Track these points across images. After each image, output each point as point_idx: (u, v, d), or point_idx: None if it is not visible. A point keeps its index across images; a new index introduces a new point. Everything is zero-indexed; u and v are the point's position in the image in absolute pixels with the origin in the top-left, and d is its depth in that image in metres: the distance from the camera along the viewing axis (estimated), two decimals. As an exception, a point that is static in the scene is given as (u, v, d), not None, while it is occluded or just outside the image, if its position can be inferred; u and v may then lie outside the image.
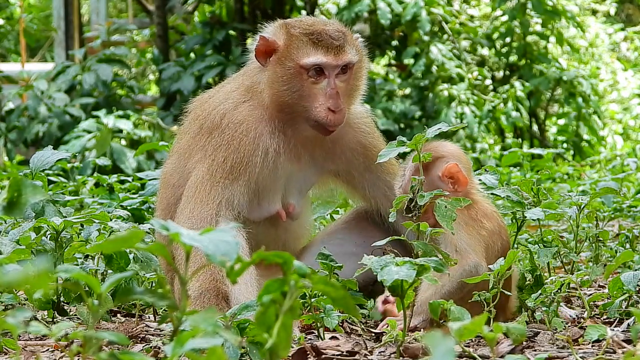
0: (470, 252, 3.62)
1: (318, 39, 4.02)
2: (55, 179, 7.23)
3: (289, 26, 4.08)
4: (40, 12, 22.65)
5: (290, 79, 4.02)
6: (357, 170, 4.27)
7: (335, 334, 3.56)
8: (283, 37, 4.06)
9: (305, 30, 4.05)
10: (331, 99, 4.00)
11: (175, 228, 2.19)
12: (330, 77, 4.02)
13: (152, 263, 3.98)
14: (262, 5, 15.36)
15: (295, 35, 4.04)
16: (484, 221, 3.71)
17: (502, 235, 3.77)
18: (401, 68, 15.87)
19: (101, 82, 14.01)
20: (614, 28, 19.71)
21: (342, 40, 4.06)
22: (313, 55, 4.00)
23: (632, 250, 4.54)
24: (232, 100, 4.12)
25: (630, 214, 7.16)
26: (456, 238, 3.64)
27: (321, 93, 4.02)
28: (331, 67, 4.02)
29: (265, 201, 4.13)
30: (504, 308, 3.69)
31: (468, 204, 3.63)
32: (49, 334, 2.39)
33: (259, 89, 4.10)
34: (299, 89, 4.02)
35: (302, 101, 4.03)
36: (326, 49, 4.01)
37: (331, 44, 4.02)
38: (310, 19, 4.17)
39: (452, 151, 3.93)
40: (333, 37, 4.04)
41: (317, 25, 4.09)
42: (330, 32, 4.05)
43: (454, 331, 2.67)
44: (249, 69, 4.21)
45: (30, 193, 2.34)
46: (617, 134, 17.76)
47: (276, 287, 2.26)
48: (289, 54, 4.02)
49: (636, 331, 2.85)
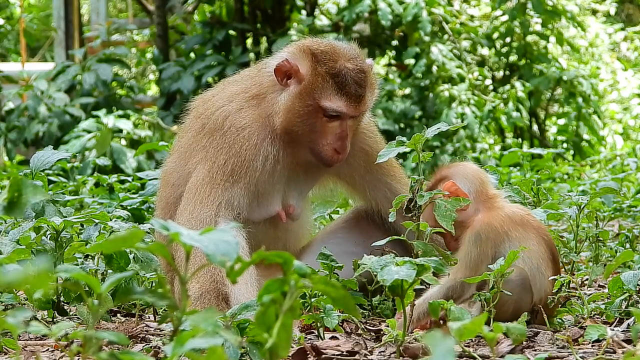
0: (460, 269, 3.59)
1: (343, 84, 4.02)
2: (55, 179, 7.24)
3: (314, 58, 4.05)
4: (40, 12, 22.64)
5: (307, 114, 4.04)
6: (358, 172, 4.29)
7: (335, 334, 3.56)
8: (307, 68, 4.05)
9: (331, 69, 4.03)
10: (340, 141, 4.06)
11: (175, 228, 2.19)
12: (344, 120, 4.07)
13: (152, 263, 3.98)
14: (262, 5, 15.35)
15: (320, 74, 4.03)
16: (511, 230, 3.64)
17: (542, 235, 3.69)
18: (401, 68, 15.86)
19: (101, 82, 14.01)
20: (614, 28, 19.71)
21: (364, 86, 4.07)
22: (335, 102, 4.03)
23: (632, 250, 4.54)
24: (236, 103, 4.12)
25: (630, 214, 7.16)
26: (463, 252, 3.62)
27: (331, 132, 4.07)
28: (349, 116, 4.06)
29: (265, 203, 4.13)
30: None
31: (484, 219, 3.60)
32: (49, 334, 2.39)
33: (266, 98, 4.10)
34: (312, 124, 4.06)
35: (311, 135, 4.07)
36: (349, 98, 4.03)
37: (355, 92, 4.04)
38: (333, 46, 4.11)
39: (456, 172, 3.84)
40: (357, 82, 4.04)
41: (342, 61, 4.05)
42: (355, 76, 4.04)
43: (454, 331, 2.67)
44: (259, 76, 4.19)
45: (30, 193, 2.34)
46: (617, 134, 17.76)
47: (276, 287, 2.26)
48: (311, 91, 4.03)
49: (636, 331, 2.85)
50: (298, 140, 4.09)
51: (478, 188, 3.77)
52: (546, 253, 3.63)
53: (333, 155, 4.08)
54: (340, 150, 4.07)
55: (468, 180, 3.79)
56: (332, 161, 4.10)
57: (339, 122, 4.06)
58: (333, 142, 4.07)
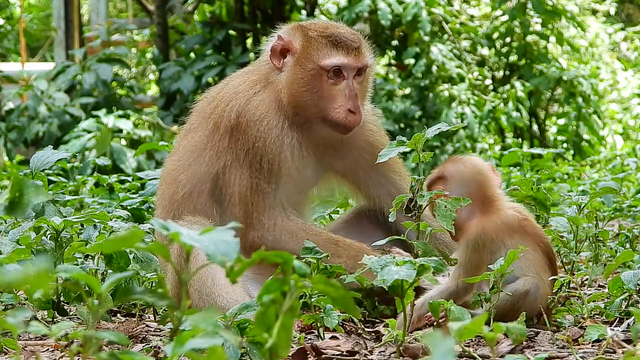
0: (460, 274, 3.58)
1: (337, 41, 4.11)
2: (55, 179, 7.24)
3: (304, 28, 4.16)
4: (40, 12, 22.64)
5: (310, 80, 4.09)
6: (363, 168, 4.30)
7: (335, 334, 3.56)
8: (300, 39, 4.14)
9: (322, 32, 4.14)
10: (351, 100, 4.08)
11: (175, 228, 2.19)
12: (348, 78, 4.10)
13: (152, 263, 3.98)
14: (262, 5, 15.35)
15: (313, 37, 4.12)
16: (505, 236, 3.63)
17: (539, 242, 3.66)
18: (401, 68, 15.87)
19: (101, 82, 14.01)
20: (614, 28, 19.71)
21: (359, 42, 4.16)
22: (334, 56, 4.09)
23: (632, 250, 4.54)
24: (242, 94, 4.16)
25: (630, 214, 7.16)
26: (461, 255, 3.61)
27: (340, 94, 4.09)
28: (351, 68, 4.10)
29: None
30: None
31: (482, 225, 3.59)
32: (49, 333, 2.39)
33: (270, 82, 4.15)
34: (318, 90, 4.09)
35: (321, 102, 4.09)
36: (346, 50, 4.10)
37: (350, 45, 4.12)
38: (322, 22, 4.25)
39: (453, 172, 3.74)
40: (351, 39, 4.14)
41: (332, 28, 4.18)
42: (347, 35, 4.15)
43: (454, 331, 2.67)
44: (258, 65, 4.28)
45: (32, 193, 2.34)
46: (617, 134, 17.76)
47: (276, 287, 2.26)
48: (308, 55, 4.10)
49: (636, 331, 2.85)
50: (309, 113, 4.12)
51: (474, 190, 3.68)
52: (543, 259, 3.61)
53: (348, 116, 4.08)
54: (353, 109, 4.08)
55: (464, 182, 3.70)
56: (348, 123, 4.10)
57: (344, 81, 4.10)
58: (344, 103, 4.09)
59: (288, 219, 4.05)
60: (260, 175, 4.05)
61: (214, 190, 4.13)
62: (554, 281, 3.64)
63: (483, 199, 3.68)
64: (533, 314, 3.57)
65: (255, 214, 4.03)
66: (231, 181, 4.09)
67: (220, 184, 4.13)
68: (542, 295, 3.57)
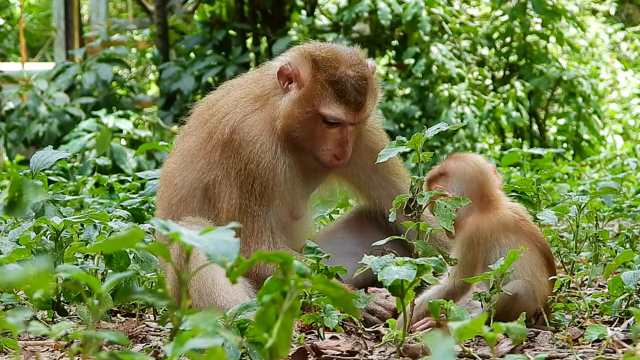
0: (456, 272, 3.57)
1: (342, 92, 4.02)
2: (55, 179, 7.24)
3: (315, 63, 4.05)
4: (40, 12, 22.64)
5: (306, 120, 4.05)
6: (363, 171, 4.29)
7: (335, 334, 3.56)
8: (308, 73, 4.05)
9: (331, 76, 4.03)
10: (339, 147, 4.07)
11: (175, 228, 2.19)
12: (344, 127, 4.07)
13: (152, 263, 3.98)
14: (262, 5, 15.35)
15: (320, 80, 4.03)
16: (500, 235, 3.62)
17: (535, 241, 3.66)
18: (401, 68, 15.86)
19: (101, 82, 14.01)
20: (614, 28, 19.71)
21: (365, 93, 4.05)
22: (335, 109, 4.02)
23: (632, 250, 4.54)
24: (241, 108, 4.12)
25: (630, 214, 7.17)
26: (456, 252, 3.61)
27: (331, 138, 4.07)
28: (349, 123, 4.06)
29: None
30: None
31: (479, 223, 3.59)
32: (49, 333, 2.39)
33: (270, 101, 4.11)
34: (312, 130, 4.07)
35: (311, 140, 4.08)
36: (348, 105, 4.03)
37: (354, 99, 4.03)
38: (335, 52, 4.10)
39: (454, 170, 3.75)
40: (357, 89, 4.04)
41: (342, 68, 4.05)
42: (355, 84, 4.03)
43: (454, 331, 2.67)
44: (262, 78, 4.20)
45: (32, 193, 2.34)
46: (617, 134, 17.77)
47: (276, 287, 2.26)
48: (310, 98, 4.03)
49: (636, 331, 2.85)
50: (300, 144, 4.10)
51: (474, 188, 3.69)
52: (540, 259, 3.60)
53: (332, 160, 4.09)
54: (340, 157, 4.08)
55: (465, 179, 3.71)
56: (332, 166, 4.12)
57: (339, 128, 4.07)
58: (333, 148, 4.07)
59: (275, 246, 4.00)
60: (252, 197, 4.02)
61: (204, 199, 4.13)
62: (554, 281, 3.64)
63: (482, 198, 3.68)
64: (528, 316, 3.56)
65: (242, 235, 3.99)
66: (221, 197, 4.08)
67: (209, 194, 4.12)
68: (538, 296, 3.56)
